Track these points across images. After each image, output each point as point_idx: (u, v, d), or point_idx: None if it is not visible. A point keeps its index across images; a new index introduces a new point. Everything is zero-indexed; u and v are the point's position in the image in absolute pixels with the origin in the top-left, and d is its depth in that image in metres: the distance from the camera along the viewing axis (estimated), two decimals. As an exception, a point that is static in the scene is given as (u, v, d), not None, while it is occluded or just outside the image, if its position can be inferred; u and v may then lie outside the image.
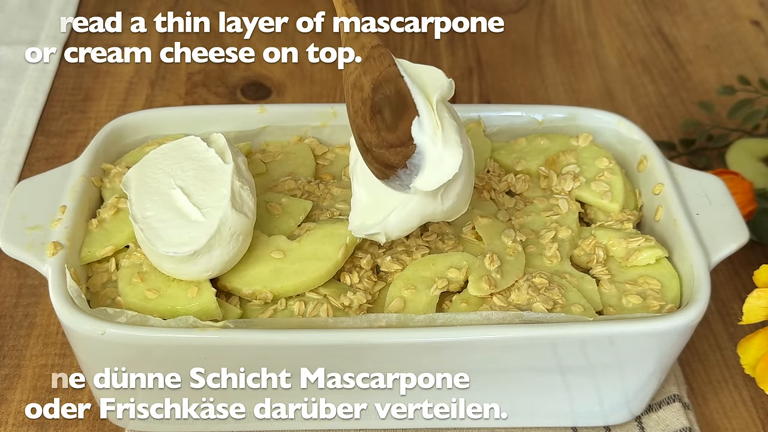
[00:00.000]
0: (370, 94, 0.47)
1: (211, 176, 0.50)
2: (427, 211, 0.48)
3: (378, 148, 0.47)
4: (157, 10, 0.89)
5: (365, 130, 0.47)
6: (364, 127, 0.47)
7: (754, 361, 0.53)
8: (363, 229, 0.49)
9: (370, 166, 0.47)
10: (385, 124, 0.47)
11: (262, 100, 0.79)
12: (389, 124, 0.47)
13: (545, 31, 0.89)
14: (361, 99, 0.48)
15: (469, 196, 0.50)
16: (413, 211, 0.48)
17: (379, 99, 0.47)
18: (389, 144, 0.47)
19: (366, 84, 0.48)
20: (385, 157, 0.47)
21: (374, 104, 0.47)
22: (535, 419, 0.54)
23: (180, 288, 0.49)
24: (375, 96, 0.47)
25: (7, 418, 0.55)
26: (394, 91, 0.47)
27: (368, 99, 0.47)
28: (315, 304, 0.49)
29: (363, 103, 0.48)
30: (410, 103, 0.47)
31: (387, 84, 0.47)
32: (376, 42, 0.49)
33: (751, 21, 0.90)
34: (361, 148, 0.48)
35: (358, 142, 0.48)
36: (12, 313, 0.61)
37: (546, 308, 0.49)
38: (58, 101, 0.78)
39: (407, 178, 0.46)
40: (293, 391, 0.51)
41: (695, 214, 0.54)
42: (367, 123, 0.47)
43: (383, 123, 0.47)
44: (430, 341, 0.47)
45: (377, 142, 0.47)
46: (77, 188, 0.53)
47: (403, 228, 0.49)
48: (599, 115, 0.60)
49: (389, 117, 0.47)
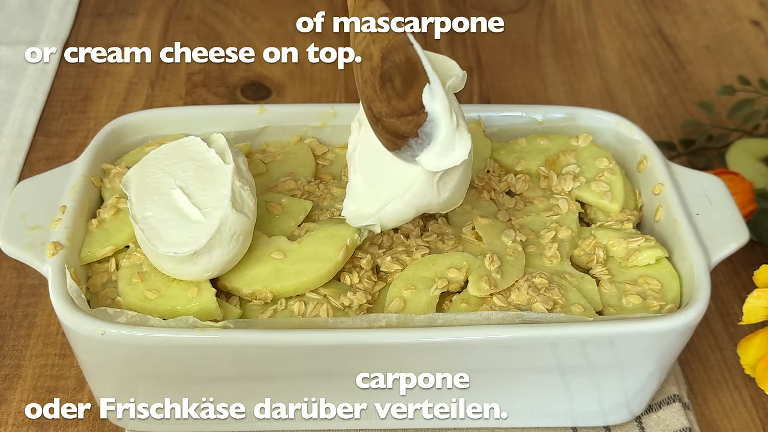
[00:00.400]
0: (380, 62, 0.46)
1: (211, 176, 0.50)
2: (424, 202, 0.48)
3: (388, 118, 0.46)
4: (157, 10, 0.89)
5: (375, 99, 0.46)
6: (373, 96, 0.46)
7: (754, 361, 0.53)
8: (359, 218, 0.49)
9: (381, 137, 0.46)
10: (395, 92, 0.46)
11: (262, 100, 0.79)
12: (400, 92, 0.45)
13: (545, 31, 0.89)
14: (371, 68, 0.46)
15: (465, 189, 0.50)
16: (410, 201, 0.48)
17: (388, 67, 0.46)
18: (400, 112, 0.45)
19: (375, 52, 0.47)
20: (396, 126, 0.45)
21: (384, 72, 0.46)
22: (535, 419, 0.54)
23: (180, 288, 0.49)
24: (384, 64, 0.46)
25: (7, 418, 0.55)
26: (404, 58, 0.46)
27: (377, 67, 0.46)
28: (315, 304, 0.49)
29: (372, 72, 0.46)
30: (420, 70, 0.45)
31: (396, 52, 0.46)
32: (385, 10, 0.48)
33: (751, 21, 0.90)
34: (371, 119, 0.47)
35: (367, 112, 0.47)
36: (12, 313, 0.61)
37: (546, 308, 0.49)
38: (58, 101, 0.78)
39: (419, 147, 0.45)
40: (293, 391, 0.51)
41: (695, 214, 0.54)
42: (377, 92, 0.46)
43: (393, 91, 0.46)
44: (430, 341, 0.47)
45: (387, 111, 0.46)
46: (77, 188, 0.53)
47: (399, 218, 0.49)
48: (599, 115, 0.60)
49: (399, 85, 0.46)
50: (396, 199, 0.48)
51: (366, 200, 0.49)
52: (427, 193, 0.47)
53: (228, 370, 0.49)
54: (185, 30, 0.87)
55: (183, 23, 0.87)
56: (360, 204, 0.49)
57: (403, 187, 0.47)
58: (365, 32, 0.48)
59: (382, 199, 0.48)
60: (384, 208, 0.48)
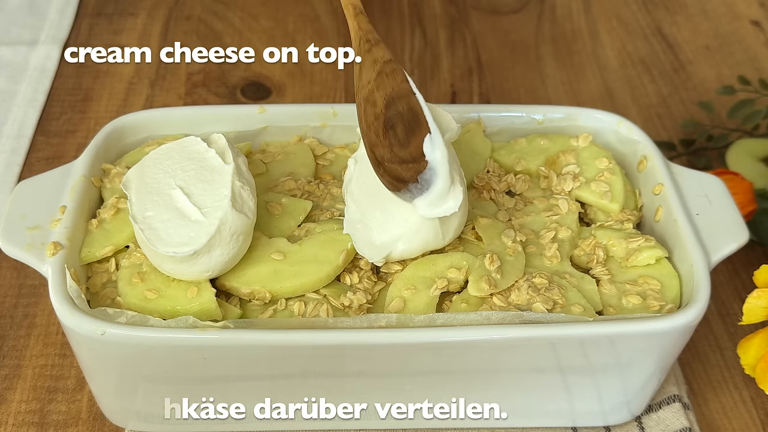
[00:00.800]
0: (383, 109, 0.48)
1: (211, 176, 0.50)
2: (430, 246, 0.50)
3: (390, 163, 0.47)
4: (157, 10, 0.89)
5: (378, 144, 0.48)
6: (377, 141, 0.48)
7: (754, 361, 0.53)
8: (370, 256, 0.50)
9: (382, 179, 0.48)
10: (397, 140, 0.47)
11: (262, 100, 0.79)
12: (402, 140, 0.47)
13: (545, 31, 0.89)
14: (374, 114, 0.48)
15: (461, 226, 0.52)
16: (418, 245, 0.50)
17: (392, 115, 0.48)
18: (401, 159, 0.47)
19: (379, 99, 0.48)
20: (398, 171, 0.47)
21: (387, 120, 0.48)
22: (535, 419, 0.54)
23: (180, 288, 0.49)
24: (388, 112, 0.48)
25: (7, 418, 0.55)
26: (407, 107, 0.48)
27: (381, 114, 0.48)
28: (315, 304, 0.49)
29: (376, 118, 0.48)
30: (422, 120, 0.47)
31: (400, 100, 0.48)
32: (389, 57, 0.50)
33: (751, 21, 0.90)
34: (373, 162, 0.48)
35: (370, 155, 0.48)
36: (12, 313, 0.61)
37: (546, 308, 0.49)
38: (58, 101, 0.78)
39: (418, 192, 0.47)
40: (293, 391, 0.51)
41: (695, 214, 0.54)
42: (380, 138, 0.48)
43: (396, 139, 0.47)
44: (430, 341, 0.47)
45: (390, 157, 0.47)
46: (77, 188, 0.53)
47: (406, 257, 0.51)
48: (599, 115, 0.60)
49: (402, 133, 0.47)
50: (404, 239, 0.49)
51: (364, 229, 0.51)
52: (432, 237, 0.50)
53: (228, 370, 0.49)
54: (185, 30, 0.87)
55: (183, 23, 0.87)
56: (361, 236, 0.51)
57: (401, 226, 0.49)
58: (369, 78, 0.49)
59: (382, 235, 0.50)
60: (393, 248, 0.50)
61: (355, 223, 0.51)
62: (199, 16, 0.88)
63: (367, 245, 0.50)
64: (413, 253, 0.51)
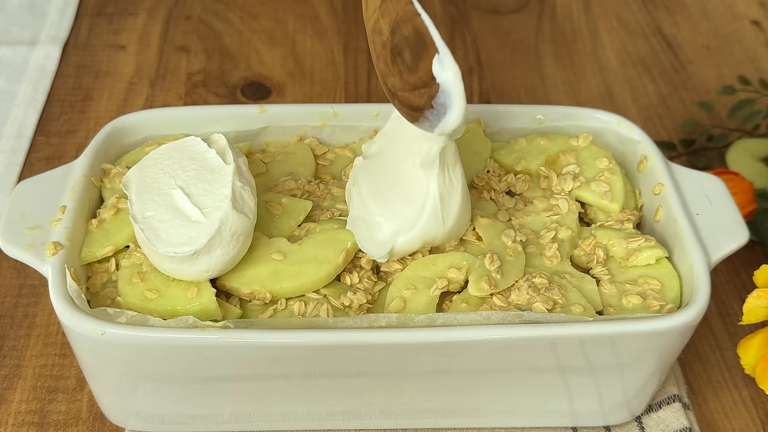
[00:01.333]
0: (389, 36, 0.46)
1: (212, 177, 0.50)
2: (431, 234, 0.50)
3: (402, 92, 0.46)
4: (157, 10, 0.89)
5: (388, 74, 0.46)
6: (386, 71, 0.46)
7: (754, 361, 0.53)
8: (374, 254, 0.50)
9: (399, 111, 0.47)
10: (406, 66, 0.46)
11: (262, 100, 0.79)
12: (410, 66, 0.46)
13: (545, 31, 0.89)
14: (381, 43, 0.47)
15: (466, 222, 0.51)
16: (418, 234, 0.49)
17: (398, 41, 0.46)
18: (412, 86, 0.46)
19: (384, 27, 0.47)
20: (411, 99, 0.46)
21: (394, 47, 0.46)
22: (535, 419, 0.54)
23: (180, 288, 0.49)
24: (394, 38, 0.46)
25: (7, 418, 0.55)
26: (412, 30, 0.46)
27: (388, 42, 0.46)
28: (315, 304, 0.49)
29: (383, 47, 0.47)
30: (429, 41, 0.46)
31: (404, 24, 0.46)
32: None
33: (751, 21, 0.90)
34: (387, 93, 0.47)
35: (384, 87, 0.47)
36: (12, 313, 0.61)
37: (546, 308, 0.49)
38: (58, 101, 0.78)
39: (435, 118, 0.45)
40: (293, 391, 0.51)
41: (695, 214, 0.54)
42: (389, 67, 0.46)
43: (404, 65, 0.46)
44: (430, 341, 0.47)
45: (401, 85, 0.46)
46: (77, 188, 0.53)
47: (408, 251, 0.50)
48: (599, 115, 0.60)
49: (409, 58, 0.46)
50: (404, 231, 0.49)
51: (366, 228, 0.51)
52: (433, 224, 0.49)
53: (228, 370, 0.49)
54: (185, 30, 0.87)
55: (183, 23, 0.87)
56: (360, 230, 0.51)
57: (400, 217, 0.49)
58: (375, 6, 0.47)
59: (384, 230, 0.50)
60: (394, 242, 0.49)
61: (357, 221, 0.51)
62: (199, 16, 0.88)
63: (370, 242, 0.50)
64: (415, 245, 0.50)
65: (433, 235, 0.50)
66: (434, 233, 0.50)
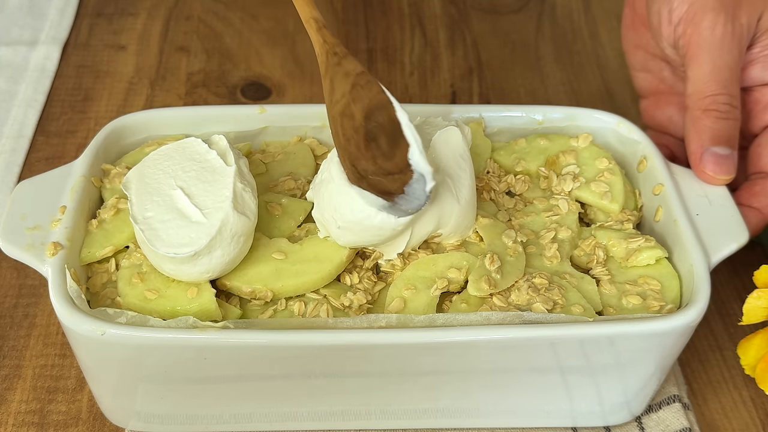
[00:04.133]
0: (363, 121, 0.47)
1: (212, 178, 0.50)
2: (445, 209, 0.50)
3: (375, 176, 0.46)
4: (157, 10, 0.89)
5: (360, 158, 0.47)
6: (358, 155, 0.47)
7: (754, 362, 0.53)
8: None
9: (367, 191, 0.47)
10: (381, 152, 0.46)
11: (262, 100, 0.79)
12: (386, 152, 0.46)
13: (545, 31, 0.89)
14: (353, 127, 0.47)
15: (473, 216, 0.52)
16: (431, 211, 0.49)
17: (372, 127, 0.46)
18: (387, 171, 0.46)
19: (357, 112, 0.47)
20: (383, 184, 0.46)
21: (368, 132, 0.46)
22: (535, 419, 0.54)
23: (180, 288, 0.49)
24: (368, 124, 0.47)
25: (7, 418, 0.55)
26: (387, 118, 0.46)
27: (361, 127, 0.47)
28: (315, 304, 0.49)
29: (355, 131, 0.47)
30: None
31: (379, 111, 0.47)
32: (360, 69, 0.49)
33: (751, 21, 0.90)
34: (355, 176, 0.47)
35: (351, 169, 0.47)
36: (12, 313, 0.61)
37: (546, 308, 0.49)
38: (58, 101, 0.78)
39: (405, 203, 0.46)
40: (293, 391, 0.51)
41: (695, 214, 0.54)
42: (362, 151, 0.47)
43: (379, 151, 0.46)
44: (430, 341, 0.47)
45: (374, 169, 0.46)
46: (77, 188, 0.53)
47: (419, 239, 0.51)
48: (599, 116, 0.60)
49: (385, 145, 0.46)
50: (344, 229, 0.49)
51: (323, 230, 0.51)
52: (448, 198, 0.49)
53: (228, 370, 0.49)
54: (185, 30, 0.87)
55: (183, 23, 0.87)
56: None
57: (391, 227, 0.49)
58: (343, 92, 0.48)
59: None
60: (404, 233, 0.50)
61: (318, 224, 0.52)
62: (199, 16, 0.88)
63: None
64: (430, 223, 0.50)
65: (449, 211, 0.50)
66: (449, 209, 0.49)
